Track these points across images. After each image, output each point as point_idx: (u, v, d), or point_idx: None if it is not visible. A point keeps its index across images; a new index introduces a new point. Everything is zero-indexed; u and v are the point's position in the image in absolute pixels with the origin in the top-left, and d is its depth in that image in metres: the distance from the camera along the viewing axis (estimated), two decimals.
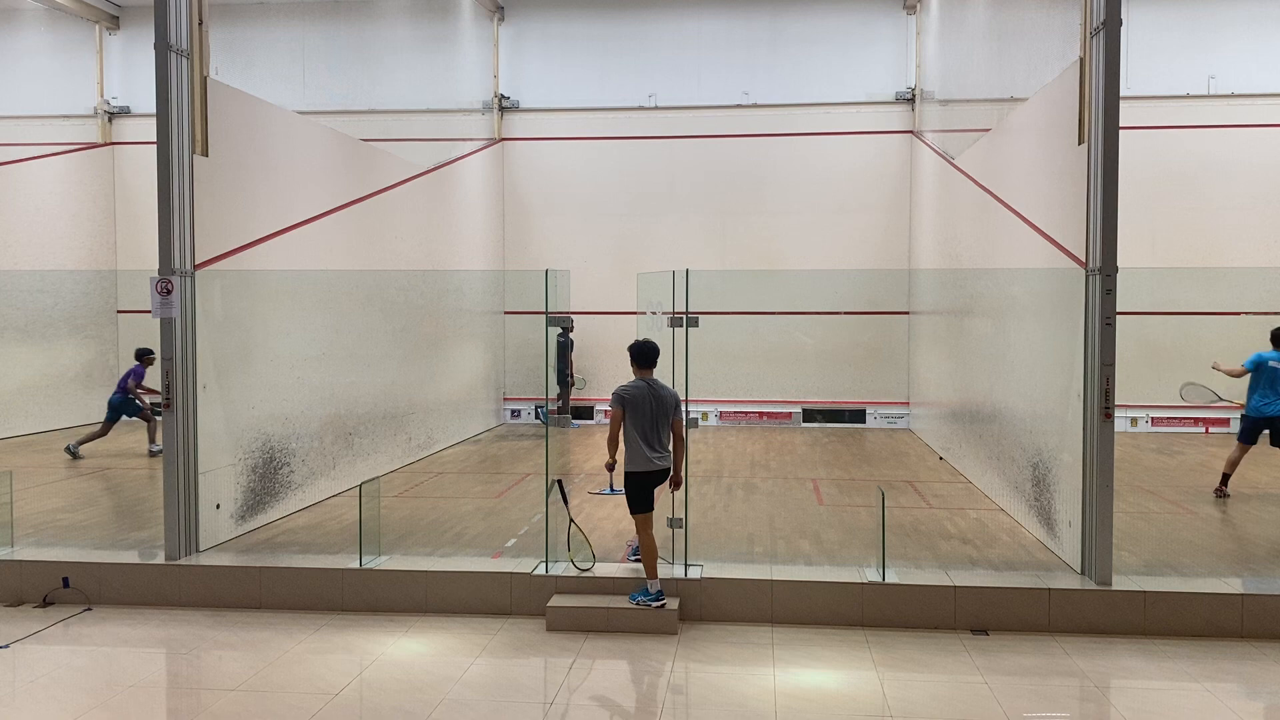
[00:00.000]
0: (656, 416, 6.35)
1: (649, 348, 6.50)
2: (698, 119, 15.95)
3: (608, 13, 16.11)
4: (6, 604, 6.81)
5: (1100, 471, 6.41)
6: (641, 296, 7.81)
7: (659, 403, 6.36)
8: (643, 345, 6.52)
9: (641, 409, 6.32)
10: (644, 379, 6.43)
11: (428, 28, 14.70)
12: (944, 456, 12.19)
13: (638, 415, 6.32)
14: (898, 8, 15.57)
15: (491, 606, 6.59)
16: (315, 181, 9.62)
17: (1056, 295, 7.25)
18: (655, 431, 6.35)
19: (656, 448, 6.35)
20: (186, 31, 7.24)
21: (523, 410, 16.16)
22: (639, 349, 6.49)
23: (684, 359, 6.74)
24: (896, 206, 15.57)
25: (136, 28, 16.45)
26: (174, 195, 7.15)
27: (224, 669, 5.67)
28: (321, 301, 9.67)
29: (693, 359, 6.77)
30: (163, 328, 7.10)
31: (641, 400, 6.33)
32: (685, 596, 6.43)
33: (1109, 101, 6.34)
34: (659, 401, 6.36)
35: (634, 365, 6.49)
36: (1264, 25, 14.66)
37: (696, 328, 6.84)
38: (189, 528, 7.21)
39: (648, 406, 6.33)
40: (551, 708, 5.10)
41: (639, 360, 6.48)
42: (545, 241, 16.22)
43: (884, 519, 6.77)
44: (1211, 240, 14.65)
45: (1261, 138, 14.58)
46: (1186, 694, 5.30)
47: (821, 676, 5.59)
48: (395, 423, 11.30)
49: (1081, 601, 6.25)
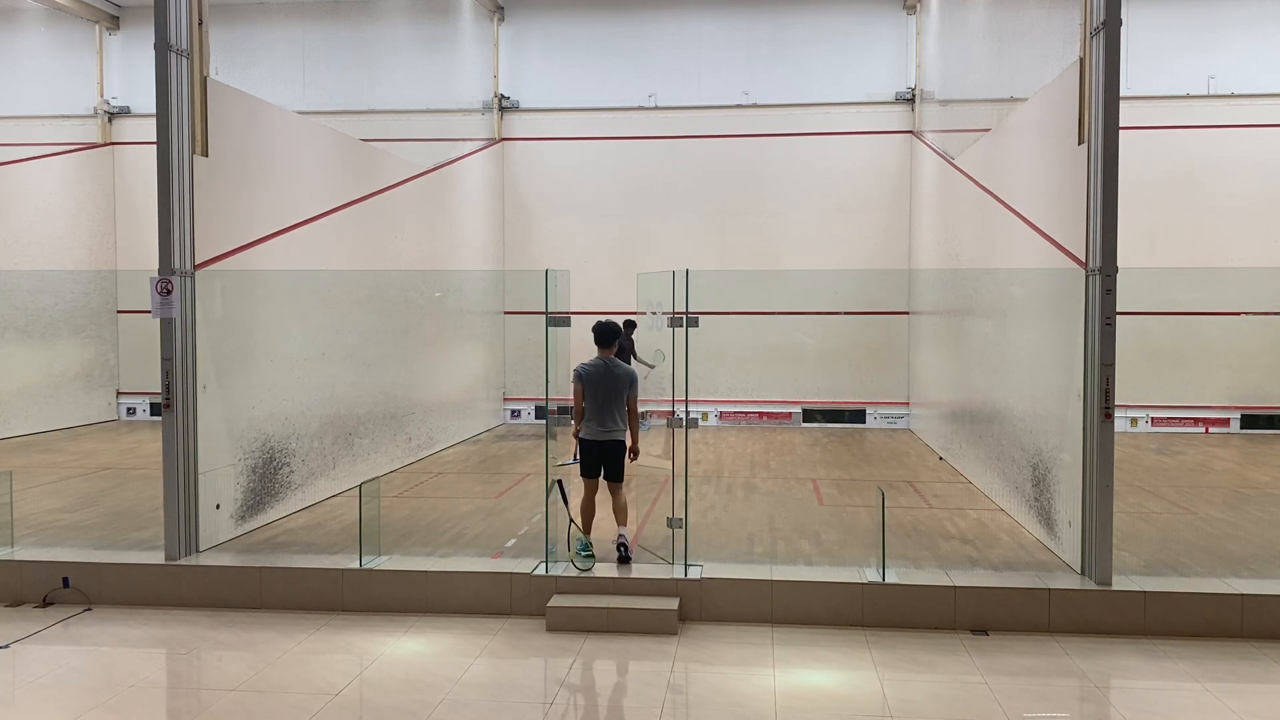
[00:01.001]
0: (610, 393, 6.91)
1: (608, 329, 7.03)
2: (698, 119, 15.95)
3: (608, 13, 16.11)
4: (6, 604, 6.81)
5: (1100, 471, 6.41)
6: (641, 296, 7.81)
7: (614, 381, 6.93)
8: (602, 326, 7.02)
9: (597, 385, 6.91)
10: (603, 358, 6.98)
11: (428, 28, 14.70)
12: (944, 456, 12.19)
13: (593, 390, 6.92)
14: (898, 8, 15.57)
15: (491, 606, 6.59)
16: (315, 181, 9.62)
17: (1056, 295, 7.24)
18: (609, 406, 6.92)
19: (607, 423, 6.93)
20: (186, 31, 7.24)
21: (523, 410, 16.16)
22: (599, 330, 7.03)
23: (684, 359, 6.75)
24: (896, 206, 15.57)
25: (136, 28, 16.45)
26: (174, 195, 7.15)
27: (224, 669, 5.67)
28: (321, 301, 9.67)
29: (693, 359, 6.78)
30: (163, 328, 7.10)
31: (598, 377, 6.92)
32: (685, 596, 6.43)
33: (1109, 101, 6.34)
34: (614, 380, 6.93)
35: (597, 344, 7.01)
36: (1264, 25, 14.66)
37: (696, 328, 6.85)
38: (189, 528, 7.21)
39: (603, 383, 6.91)
40: (551, 708, 5.10)
41: (599, 340, 7.01)
42: (545, 241, 16.22)
43: (884, 519, 6.77)
44: (1211, 240, 14.64)
45: (1261, 138, 14.58)
46: (1186, 694, 5.30)
47: (821, 676, 5.59)
48: (395, 423, 11.30)
49: (1081, 601, 6.25)
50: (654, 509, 8.21)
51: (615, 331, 7.09)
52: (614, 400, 6.92)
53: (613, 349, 7.03)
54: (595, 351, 7.02)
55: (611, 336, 7.03)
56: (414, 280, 12.02)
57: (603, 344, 7.00)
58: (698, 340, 6.89)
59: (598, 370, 6.94)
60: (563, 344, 7.05)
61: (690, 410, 6.77)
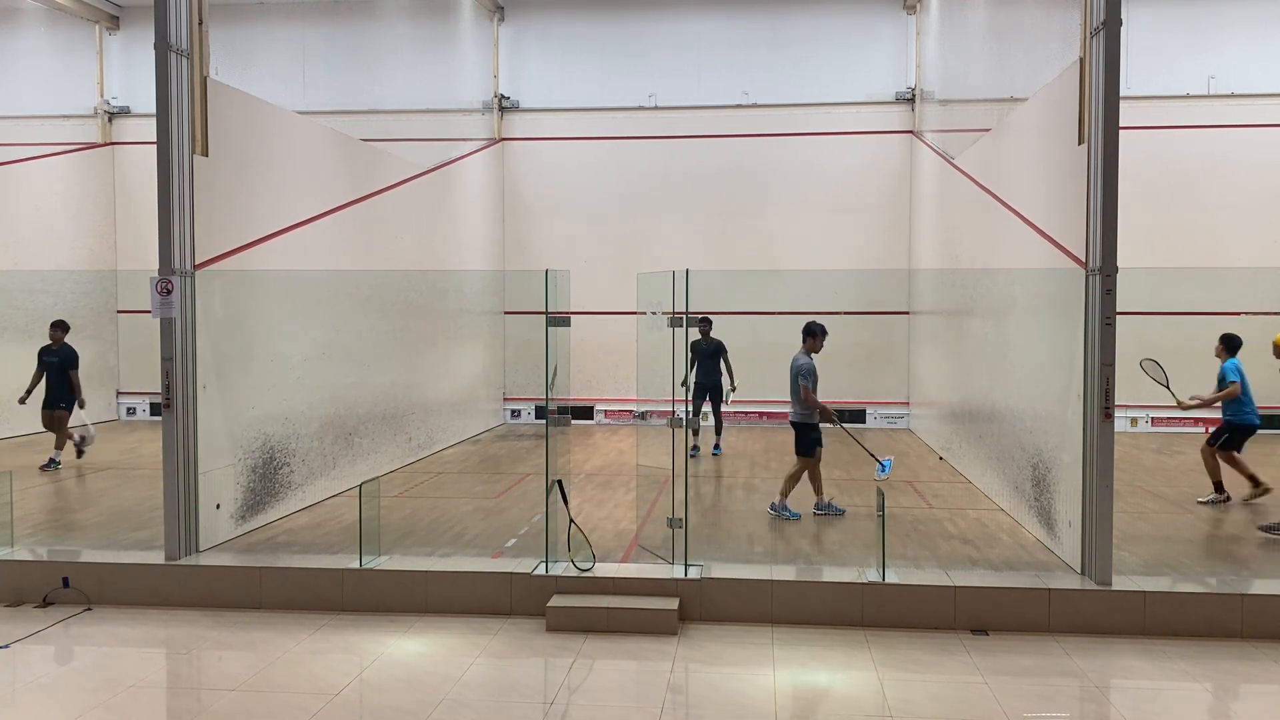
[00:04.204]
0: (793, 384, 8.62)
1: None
2: (698, 119, 15.95)
3: (608, 13, 16.11)
4: (6, 604, 6.80)
5: (1100, 471, 6.41)
6: (641, 297, 7.80)
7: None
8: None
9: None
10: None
11: (427, 28, 14.70)
12: (944, 456, 12.18)
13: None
14: (898, 8, 15.57)
15: (491, 606, 6.59)
16: (315, 181, 9.62)
17: (1056, 295, 7.24)
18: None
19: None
20: (186, 31, 7.24)
21: (523, 410, 16.16)
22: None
23: (684, 359, 6.75)
24: (896, 206, 15.57)
25: (136, 28, 16.45)
26: (174, 195, 7.15)
27: (224, 669, 5.67)
28: (321, 301, 9.67)
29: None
30: (163, 328, 7.09)
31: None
32: (685, 596, 6.43)
33: (1109, 101, 6.34)
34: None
35: (810, 340, 8.67)
36: (1264, 25, 14.65)
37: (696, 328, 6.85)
38: (189, 528, 7.21)
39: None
40: (551, 708, 5.10)
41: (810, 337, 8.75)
42: (545, 241, 16.21)
43: (884, 519, 6.77)
44: (1211, 240, 14.64)
45: (1261, 138, 14.57)
46: (1186, 694, 5.30)
47: (821, 676, 5.59)
48: (395, 423, 11.30)
49: (1081, 601, 6.25)
50: (654, 509, 8.20)
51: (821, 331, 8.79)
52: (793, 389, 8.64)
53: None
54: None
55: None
56: (414, 280, 12.02)
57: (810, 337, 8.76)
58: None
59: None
60: (563, 344, 7.05)
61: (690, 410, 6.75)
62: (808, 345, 8.81)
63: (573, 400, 15.41)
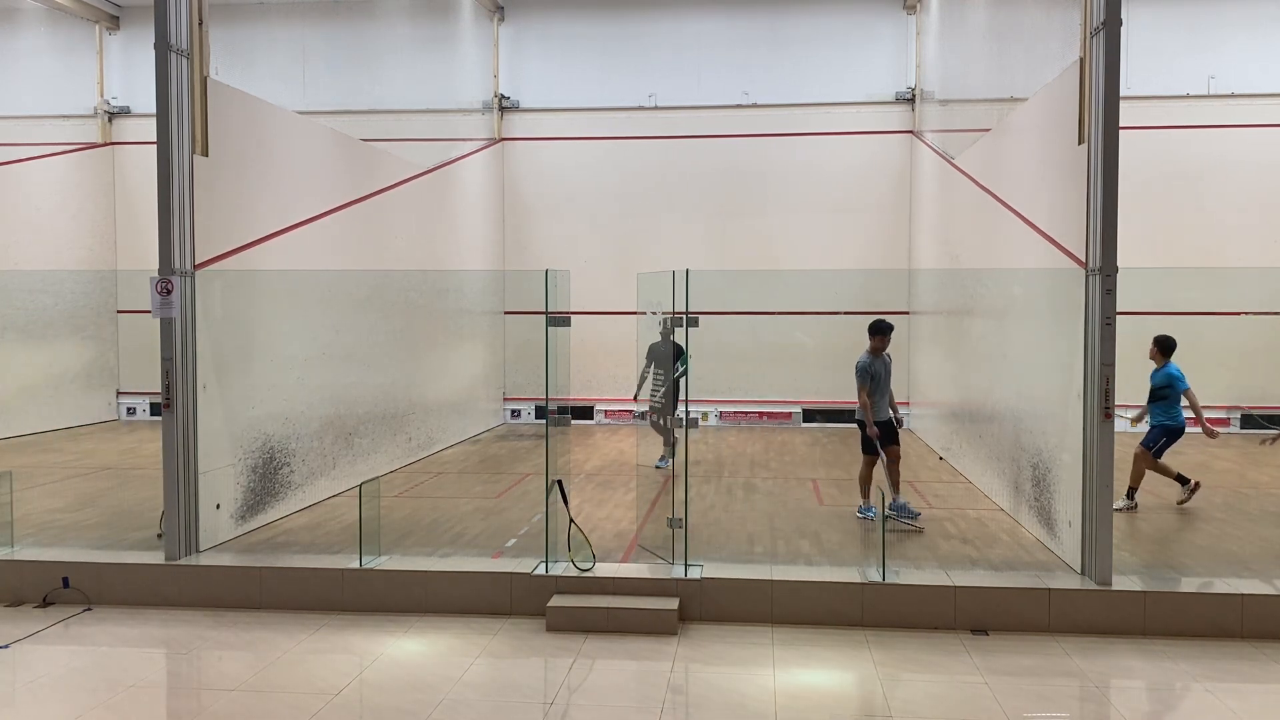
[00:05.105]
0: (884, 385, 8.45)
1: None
2: (698, 119, 15.94)
3: (608, 13, 16.10)
4: (6, 604, 6.81)
5: (1100, 471, 6.41)
6: (641, 297, 7.81)
7: (886, 374, 8.41)
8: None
9: (881, 376, 8.38)
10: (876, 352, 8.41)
11: (427, 28, 14.70)
12: (944, 456, 12.18)
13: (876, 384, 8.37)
14: (898, 8, 15.57)
15: (491, 606, 6.59)
16: (315, 181, 9.62)
17: (1056, 295, 7.24)
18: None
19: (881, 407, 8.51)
20: (186, 31, 7.24)
21: (523, 410, 16.16)
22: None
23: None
24: (896, 206, 15.57)
25: (136, 28, 16.44)
26: (174, 195, 7.15)
27: (224, 669, 5.68)
28: (321, 301, 9.67)
29: (693, 359, 6.78)
30: (163, 328, 7.10)
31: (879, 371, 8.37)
32: (685, 596, 6.43)
33: (1109, 101, 6.34)
34: (887, 373, 8.42)
35: (877, 339, 8.36)
36: (1264, 25, 14.65)
37: (696, 328, 6.85)
38: (189, 528, 7.21)
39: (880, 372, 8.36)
40: (551, 708, 5.10)
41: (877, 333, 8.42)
42: (545, 241, 16.21)
43: (884, 519, 6.77)
44: (1212, 240, 14.64)
45: (1261, 138, 14.57)
46: (1186, 694, 5.30)
47: (821, 676, 5.59)
48: (395, 423, 11.30)
49: (1081, 601, 6.25)
50: (654, 509, 8.20)
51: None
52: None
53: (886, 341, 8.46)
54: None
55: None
56: (414, 280, 12.02)
57: (876, 334, 8.42)
58: (698, 340, 6.90)
59: (878, 366, 8.37)
60: (563, 344, 7.05)
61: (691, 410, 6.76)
62: (871, 345, 8.47)
63: (573, 400, 15.42)
